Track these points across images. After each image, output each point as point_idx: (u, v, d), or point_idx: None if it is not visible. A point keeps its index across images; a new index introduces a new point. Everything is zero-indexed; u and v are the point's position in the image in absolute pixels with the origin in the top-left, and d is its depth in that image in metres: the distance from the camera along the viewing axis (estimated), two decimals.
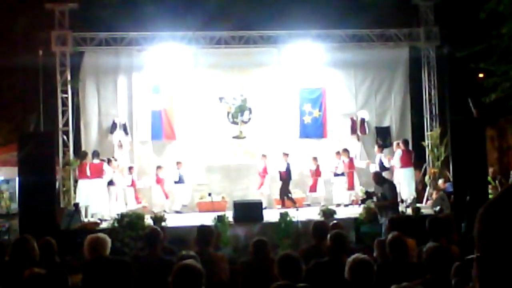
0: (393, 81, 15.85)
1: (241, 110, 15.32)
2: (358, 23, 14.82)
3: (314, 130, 15.70)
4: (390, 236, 5.16)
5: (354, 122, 15.55)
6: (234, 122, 15.36)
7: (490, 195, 10.96)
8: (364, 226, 11.07)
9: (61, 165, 13.94)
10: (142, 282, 4.89)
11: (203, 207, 14.01)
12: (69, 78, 14.42)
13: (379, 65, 15.76)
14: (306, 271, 4.46)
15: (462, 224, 9.54)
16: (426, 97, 15.48)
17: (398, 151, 14.21)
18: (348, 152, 14.63)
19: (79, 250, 5.52)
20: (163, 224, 10.93)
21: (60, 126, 14.29)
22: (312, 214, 12.01)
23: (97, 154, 13.57)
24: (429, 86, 15.45)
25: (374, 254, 5.67)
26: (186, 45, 14.80)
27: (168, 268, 4.16)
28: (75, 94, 14.62)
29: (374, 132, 15.69)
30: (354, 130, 15.51)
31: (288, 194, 14.27)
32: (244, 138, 15.31)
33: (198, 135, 15.22)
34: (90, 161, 13.37)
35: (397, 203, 10.52)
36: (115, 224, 10.96)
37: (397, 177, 13.88)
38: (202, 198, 14.40)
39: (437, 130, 15.00)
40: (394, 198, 10.24)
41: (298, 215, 11.27)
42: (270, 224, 11.37)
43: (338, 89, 15.77)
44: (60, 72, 14.36)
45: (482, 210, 1.28)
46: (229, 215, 11.49)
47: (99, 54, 14.98)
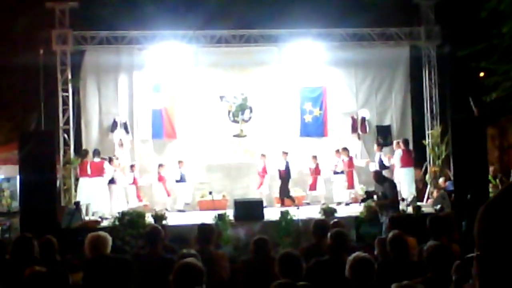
0: (393, 80, 15.85)
1: (241, 108, 15.31)
2: (359, 22, 14.79)
3: (315, 128, 15.69)
4: (391, 234, 5.17)
5: (354, 121, 15.54)
6: (235, 121, 15.36)
7: (491, 194, 10.97)
8: (364, 225, 11.07)
9: (61, 163, 13.95)
10: (143, 280, 4.89)
11: (204, 206, 14.02)
12: (69, 76, 14.43)
13: (380, 64, 15.76)
14: (307, 270, 4.47)
15: (463, 222, 9.55)
16: (427, 96, 15.46)
17: (398, 151, 14.21)
18: (347, 151, 14.63)
19: (80, 249, 5.53)
20: (164, 222, 10.95)
21: (61, 124, 14.31)
22: (312, 212, 12.01)
23: (97, 153, 13.62)
24: (429, 85, 15.43)
25: (375, 253, 5.66)
26: (187, 44, 14.79)
27: (169, 266, 4.17)
28: (76, 92, 14.64)
29: (374, 130, 15.69)
30: (354, 129, 15.50)
31: (287, 193, 14.28)
32: (244, 136, 15.30)
33: (198, 134, 15.22)
34: (91, 159, 13.41)
35: (397, 202, 10.52)
36: (116, 222, 10.98)
37: (397, 176, 13.90)
38: (203, 197, 14.43)
39: (438, 129, 14.99)
40: (394, 197, 10.24)
41: (299, 214, 11.27)
42: (270, 222, 11.38)
43: (338, 87, 15.77)
44: (60, 71, 14.37)
45: (483, 208, 1.28)
46: (229, 214, 11.50)
47: (100, 53, 14.99)
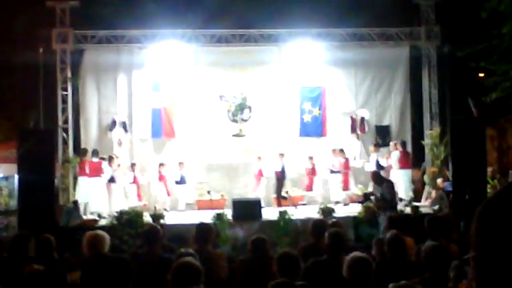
0: (393, 80, 15.83)
1: (241, 108, 15.29)
2: (359, 22, 14.79)
3: (314, 128, 15.68)
4: (389, 234, 5.17)
5: (354, 121, 15.52)
6: (234, 120, 15.34)
7: (489, 195, 10.97)
8: (362, 226, 11.06)
9: (60, 162, 13.94)
10: (141, 279, 4.89)
11: (202, 205, 14.00)
12: (69, 75, 14.42)
13: (380, 64, 15.75)
14: (305, 269, 4.47)
15: (461, 223, 9.57)
16: (426, 96, 15.45)
17: (395, 153, 14.17)
18: (344, 152, 14.56)
19: (78, 247, 5.53)
20: (162, 221, 10.95)
21: (60, 123, 14.29)
22: (311, 212, 12.01)
23: (96, 153, 13.59)
24: (429, 85, 15.41)
25: (373, 253, 5.66)
26: (187, 43, 14.78)
27: (167, 265, 4.17)
28: (75, 91, 14.63)
29: (374, 131, 15.67)
30: (354, 129, 15.48)
31: (279, 193, 14.13)
32: (244, 136, 15.27)
33: (198, 133, 15.20)
34: (90, 159, 13.39)
35: (395, 202, 10.52)
36: (114, 221, 10.97)
37: (393, 178, 13.81)
38: (201, 196, 14.40)
39: (437, 129, 14.97)
40: (392, 197, 10.24)
41: (297, 213, 11.28)
42: (269, 222, 11.38)
43: (338, 87, 15.75)
44: (60, 69, 14.35)
45: (480, 209, 1.28)
46: (228, 213, 11.50)
47: (100, 52, 14.98)
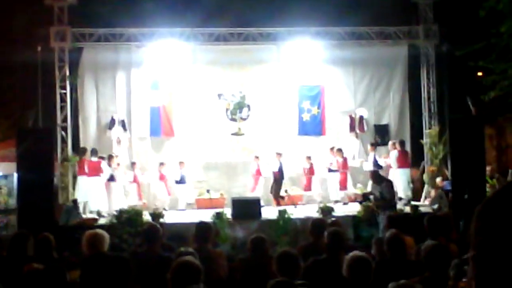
0: (392, 79, 15.84)
1: (239, 107, 15.29)
2: (357, 21, 14.79)
3: (313, 127, 15.68)
4: (388, 233, 5.17)
5: (352, 119, 15.52)
6: (233, 119, 15.33)
7: (488, 194, 10.98)
8: (362, 225, 11.06)
9: (59, 161, 13.92)
10: (140, 278, 4.89)
11: (202, 204, 14.00)
12: (67, 74, 14.38)
13: (378, 62, 15.75)
14: (304, 268, 4.47)
15: (460, 222, 9.58)
16: (425, 95, 15.46)
17: (394, 152, 14.16)
18: (342, 152, 14.54)
19: (77, 246, 5.54)
20: (162, 220, 10.95)
21: (58, 122, 14.26)
22: (310, 211, 12.02)
23: (95, 152, 13.57)
24: (428, 84, 15.42)
25: (372, 252, 5.67)
26: (185, 41, 14.76)
27: (166, 264, 4.17)
28: (74, 90, 14.58)
29: (372, 130, 15.67)
30: (352, 128, 15.49)
31: (277, 193, 14.09)
32: (242, 135, 15.27)
33: (196, 132, 15.18)
34: (89, 158, 13.37)
35: (395, 202, 10.54)
36: (114, 220, 10.97)
37: (392, 177, 13.81)
38: (200, 195, 14.40)
39: (435, 128, 14.98)
40: (392, 197, 10.25)
41: (297, 213, 11.28)
42: (268, 221, 11.38)
43: (337, 86, 15.75)
44: (58, 68, 14.32)
45: (479, 208, 1.28)
46: (227, 212, 11.50)
47: (98, 50, 14.96)
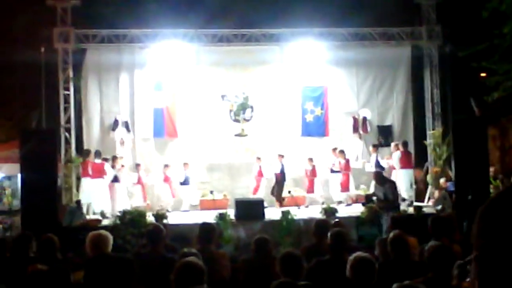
0: (395, 79, 15.82)
1: (243, 108, 15.29)
2: (361, 22, 14.78)
3: (316, 128, 15.67)
4: (392, 234, 5.16)
5: (356, 120, 15.50)
6: (236, 120, 15.34)
7: (492, 195, 10.95)
8: (365, 226, 11.04)
9: (63, 162, 13.93)
10: (144, 279, 4.90)
11: (205, 205, 14.01)
12: (71, 75, 14.41)
13: (381, 63, 15.74)
14: (308, 269, 4.47)
15: (464, 223, 9.55)
16: (428, 96, 15.42)
17: (397, 153, 14.13)
18: (344, 153, 14.50)
19: (81, 247, 5.54)
20: (165, 221, 10.96)
21: (62, 123, 14.28)
22: (313, 212, 12.01)
23: (99, 154, 13.60)
24: (431, 85, 15.39)
25: (376, 253, 5.66)
26: (188, 42, 14.78)
27: (170, 265, 4.17)
28: (77, 91, 14.63)
29: (376, 131, 15.66)
30: (356, 129, 15.46)
31: (279, 195, 14.08)
32: (246, 136, 15.27)
33: (200, 133, 15.19)
34: (92, 160, 13.39)
35: (398, 202, 10.52)
36: (117, 221, 10.98)
37: (395, 178, 13.78)
38: (204, 196, 14.41)
39: (439, 129, 14.96)
40: (395, 198, 10.24)
41: (300, 214, 11.27)
42: (271, 222, 11.38)
43: (340, 87, 15.74)
44: (62, 69, 14.35)
45: (482, 209, 1.28)
46: (230, 213, 11.51)
47: (101, 51, 14.99)
